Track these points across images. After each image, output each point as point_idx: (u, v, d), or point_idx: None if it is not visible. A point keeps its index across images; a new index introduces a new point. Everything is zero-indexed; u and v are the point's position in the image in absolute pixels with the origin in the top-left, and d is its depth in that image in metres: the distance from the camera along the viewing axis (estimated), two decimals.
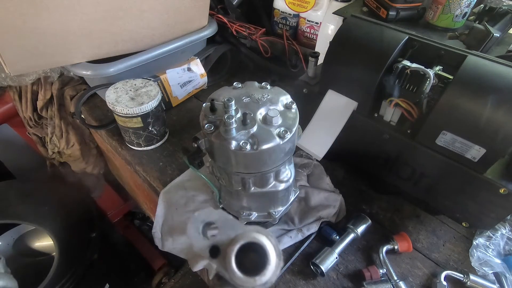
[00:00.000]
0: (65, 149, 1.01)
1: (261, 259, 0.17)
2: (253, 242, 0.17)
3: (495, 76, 0.41)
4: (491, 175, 0.45)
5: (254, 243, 0.17)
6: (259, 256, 0.17)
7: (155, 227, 0.60)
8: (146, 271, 1.26)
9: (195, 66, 0.81)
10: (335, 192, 0.62)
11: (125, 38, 0.73)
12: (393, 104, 0.50)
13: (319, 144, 0.56)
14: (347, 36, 0.52)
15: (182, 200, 0.62)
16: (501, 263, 0.52)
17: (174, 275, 1.23)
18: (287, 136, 0.40)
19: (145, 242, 1.32)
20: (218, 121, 0.42)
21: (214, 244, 0.17)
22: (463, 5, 0.65)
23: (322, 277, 0.52)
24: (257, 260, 0.17)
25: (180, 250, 0.57)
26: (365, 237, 0.57)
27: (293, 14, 0.92)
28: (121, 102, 0.62)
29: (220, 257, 0.17)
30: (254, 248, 0.17)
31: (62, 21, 0.63)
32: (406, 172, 0.54)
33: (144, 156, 0.71)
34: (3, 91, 1.01)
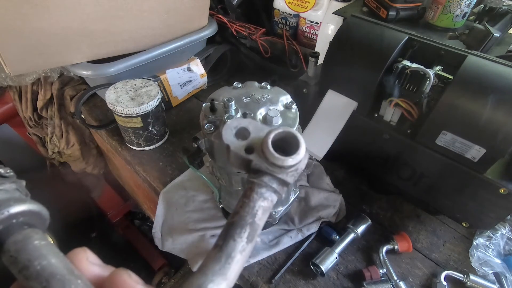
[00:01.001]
0: (65, 149, 1.01)
1: (292, 145, 0.20)
2: (284, 131, 0.19)
3: (495, 76, 0.41)
4: (491, 175, 0.45)
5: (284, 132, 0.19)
6: (289, 144, 0.20)
7: (155, 227, 0.60)
8: (146, 271, 1.26)
9: (195, 66, 0.81)
10: (335, 192, 0.62)
11: (125, 38, 0.73)
12: (393, 104, 0.50)
13: (319, 144, 0.56)
14: (347, 36, 0.52)
15: (182, 200, 0.62)
16: (501, 263, 0.52)
17: (174, 275, 1.23)
18: None
19: (145, 242, 1.32)
20: (218, 121, 0.42)
21: (248, 144, 0.20)
22: (463, 5, 0.65)
23: (322, 277, 0.52)
24: (289, 146, 0.20)
25: (180, 250, 0.57)
26: (365, 237, 0.57)
27: (293, 14, 0.92)
28: (121, 102, 0.62)
29: (254, 153, 0.20)
30: (284, 138, 0.20)
31: (62, 21, 0.63)
32: (406, 172, 0.54)
33: (144, 156, 0.71)
34: (3, 91, 1.01)
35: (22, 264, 0.15)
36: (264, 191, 0.20)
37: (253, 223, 0.18)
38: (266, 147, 0.19)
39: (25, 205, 0.17)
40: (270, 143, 0.19)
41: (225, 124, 0.21)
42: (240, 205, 0.19)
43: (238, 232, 0.18)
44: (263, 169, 0.20)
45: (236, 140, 0.20)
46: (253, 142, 0.20)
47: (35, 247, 0.16)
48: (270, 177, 0.20)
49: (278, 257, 0.55)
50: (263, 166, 0.20)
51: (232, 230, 0.18)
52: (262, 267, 0.53)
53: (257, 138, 0.20)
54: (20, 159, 1.27)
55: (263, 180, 0.20)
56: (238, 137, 0.20)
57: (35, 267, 0.15)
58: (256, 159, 0.20)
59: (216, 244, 0.18)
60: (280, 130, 0.20)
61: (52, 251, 0.16)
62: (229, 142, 0.20)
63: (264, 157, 0.20)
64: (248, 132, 0.21)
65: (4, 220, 0.16)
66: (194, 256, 0.55)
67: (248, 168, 0.20)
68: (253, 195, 0.19)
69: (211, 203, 0.61)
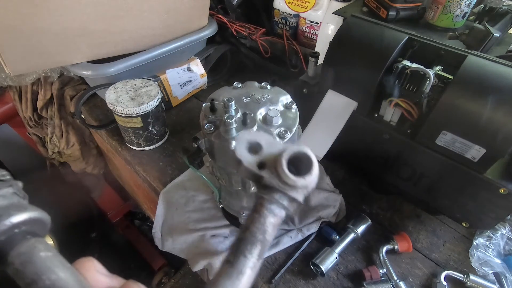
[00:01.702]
0: (65, 149, 1.01)
1: (305, 164, 0.20)
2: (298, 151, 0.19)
3: (495, 76, 0.41)
4: (491, 175, 0.45)
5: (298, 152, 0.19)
6: (302, 162, 0.20)
7: (155, 227, 0.60)
8: (146, 271, 1.26)
9: (195, 66, 0.81)
10: (335, 192, 0.62)
11: (125, 38, 0.73)
12: (393, 104, 0.50)
13: (319, 144, 0.56)
14: (347, 36, 0.52)
15: (182, 200, 0.62)
16: (501, 263, 0.52)
17: (174, 275, 1.23)
18: (287, 136, 0.40)
19: (145, 242, 1.32)
20: (218, 121, 0.42)
21: (261, 159, 0.20)
22: (463, 5, 0.65)
23: (322, 277, 0.52)
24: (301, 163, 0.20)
25: (180, 250, 0.57)
26: (365, 237, 0.57)
27: (293, 14, 0.92)
28: (121, 102, 0.62)
29: (266, 169, 0.20)
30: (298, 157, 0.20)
31: (62, 21, 0.63)
32: (406, 172, 0.54)
33: (144, 156, 0.71)
34: (3, 91, 1.01)
35: (29, 278, 0.14)
36: (274, 207, 0.20)
37: (264, 240, 0.19)
38: (280, 167, 0.19)
39: (26, 213, 0.16)
40: (284, 163, 0.19)
41: (237, 137, 0.20)
42: (251, 220, 0.19)
43: (249, 249, 0.18)
44: (275, 186, 0.20)
45: (248, 154, 0.20)
46: (265, 157, 0.20)
47: (41, 260, 0.15)
48: (281, 194, 0.20)
49: (278, 257, 0.55)
50: (275, 183, 0.20)
51: (243, 246, 0.18)
52: (262, 267, 0.53)
53: (269, 153, 0.20)
54: (20, 159, 1.27)
55: (273, 196, 0.20)
56: (250, 151, 0.20)
57: (43, 282, 0.14)
58: (268, 175, 0.20)
59: (227, 259, 0.18)
60: (295, 149, 0.20)
61: (60, 263, 0.15)
62: (242, 156, 0.20)
63: (277, 175, 0.20)
64: (260, 147, 0.20)
65: (6, 231, 0.15)
66: (194, 256, 0.55)
67: (258, 182, 0.20)
68: (264, 211, 0.19)
69: (211, 203, 0.61)
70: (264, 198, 0.20)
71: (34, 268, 0.15)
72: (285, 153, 0.19)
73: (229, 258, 0.18)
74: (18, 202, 0.17)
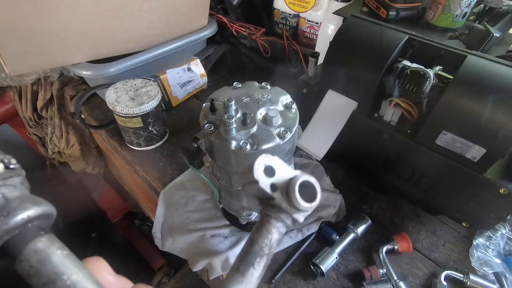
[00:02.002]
0: (65, 149, 1.01)
1: (310, 191, 0.24)
2: (307, 180, 0.23)
3: (495, 76, 0.41)
4: (491, 175, 0.45)
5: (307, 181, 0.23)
6: (308, 190, 0.23)
7: (155, 227, 0.60)
8: (146, 271, 1.26)
9: (195, 66, 0.81)
10: (335, 192, 0.62)
11: (125, 38, 0.73)
12: (393, 104, 0.50)
13: (319, 144, 0.56)
14: (347, 36, 0.52)
15: (182, 200, 0.62)
16: (501, 263, 0.52)
17: (174, 275, 1.23)
18: (287, 136, 0.40)
19: (145, 242, 1.32)
20: (218, 121, 0.42)
21: (274, 182, 0.23)
22: (463, 5, 0.65)
23: (322, 277, 0.52)
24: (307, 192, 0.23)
25: (180, 250, 0.57)
26: (365, 237, 0.57)
27: (293, 14, 0.92)
28: (121, 102, 0.62)
29: (277, 192, 0.23)
30: (306, 185, 0.23)
31: (62, 21, 0.63)
32: (406, 172, 0.54)
33: (144, 156, 0.71)
34: (3, 91, 1.01)
35: (47, 277, 0.14)
36: (280, 225, 0.23)
37: (269, 254, 0.22)
38: (293, 193, 0.22)
39: (41, 207, 0.15)
40: (297, 190, 0.22)
41: (256, 160, 0.22)
42: (259, 235, 0.22)
43: (257, 261, 0.21)
44: (283, 207, 0.23)
45: (264, 176, 0.22)
46: (278, 181, 0.23)
47: (59, 259, 0.15)
48: (287, 215, 0.23)
49: (278, 257, 0.55)
50: (283, 205, 0.23)
51: (253, 259, 0.21)
52: None
53: (281, 177, 0.23)
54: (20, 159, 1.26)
55: (280, 216, 0.23)
56: (266, 173, 0.23)
57: (63, 282, 0.14)
58: (279, 197, 0.23)
59: (237, 268, 0.21)
60: (305, 178, 0.23)
61: (76, 264, 0.15)
62: (259, 178, 0.22)
63: (287, 198, 0.23)
64: (274, 170, 0.23)
65: (21, 225, 0.14)
66: (194, 256, 0.55)
67: (266, 202, 0.23)
68: (271, 229, 0.22)
69: (211, 203, 0.61)
70: (272, 217, 0.23)
71: (53, 267, 0.14)
72: (298, 181, 0.22)
73: (239, 267, 0.20)
74: (30, 196, 0.16)
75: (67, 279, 0.14)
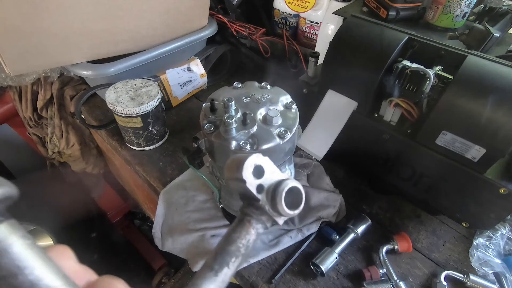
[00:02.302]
0: (65, 149, 1.01)
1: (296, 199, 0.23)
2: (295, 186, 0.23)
3: (495, 76, 0.41)
4: (491, 175, 0.45)
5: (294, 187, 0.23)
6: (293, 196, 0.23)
7: (155, 227, 0.60)
8: (146, 271, 1.26)
9: (195, 66, 0.81)
10: (335, 192, 0.62)
11: (125, 38, 0.73)
12: (393, 104, 0.50)
13: (319, 144, 0.56)
14: (347, 36, 0.52)
15: (182, 200, 0.62)
16: (501, 263, 0.52)
17: (174, 275, 1.23)
18: (287, 136, 0.40)
19: (145, 242, 1.32)
20: (218, 121, 0.42)
21: (260, 183, 0.22)
22: (463, 5, 0.65)
23: (322, 277, 0.52)
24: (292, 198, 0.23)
25: (180, 250, 0.57)
26: (365, 237, 0.57)
27: (293, 14, 0.92)
28: (121, 102, 0.62)
29: (263, 193, 0.22)
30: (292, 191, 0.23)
31: (62, 21, 0.63)
32: (406, 172, 0.54)
33: (144, 156, 0.71)
34: (3, 91, 1.01)
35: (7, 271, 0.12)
36: (260, 227, 0.23)
37: (244, 254, 0.21)
38: (279, 199, 0.22)
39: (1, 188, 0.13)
40: (284, 196, 0.22)
41: (246, 159, 0.22)
42: (238, 235, 0.22)
43: (232, 261, 0.21)
44: (265, 210, 0.23)
45: (252, 177, 0.22)
46: (265, 182, 0.23)
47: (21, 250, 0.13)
48: (268, 217, 0.23)
49: (278, 257, 0.55)
50: (267, 207, 0.23)
51: (228, 258, 0.21)
52: (262, 267, 0.53)
53: (269, 179, 0.23)
54: (20, 159, 1.27)
55: (261, 218, 0.23)
56: (254, 174, 0.22)
57: (26, 276, 0.13)
58: (263, 200, 0.22)
59: (211, 266, 0.20)
60: (294, 184, 0.23)
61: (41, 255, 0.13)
62: (247, 178, 0.22)
63: (271, 202, 0.22)
64: (262, 172, 0.23)
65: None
66: (194, 256, 0.55)
67: (249, 201, 0.23)
68: (251, 230, 0.22)
69: (211, 203, 0.61)
70: (253, 218, 0.23)
71: (13, 259, 0.12)
72: (286, 187, 0.22)
73: (214, 265, 0.20)
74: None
75: (30, 273, 0.13)
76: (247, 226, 0.22)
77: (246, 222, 0.22)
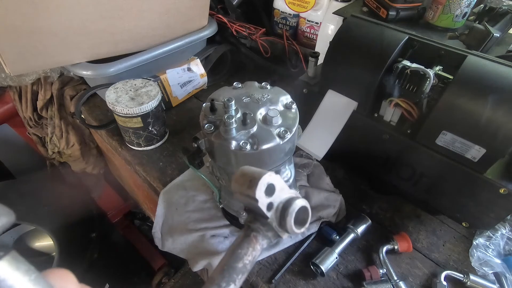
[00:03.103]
0: (65, 149, 1.01)
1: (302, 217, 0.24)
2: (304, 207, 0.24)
3: (495, 76, 0.41)
4: (491, 175, 0.45)
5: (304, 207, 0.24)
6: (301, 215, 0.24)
7: (155, 227, 0.60)
8: (146, 271, 1.26)
9: (195, 66, 0.81)
10: (335, 192, 0.62)
11: (125, 38, 0.73)
12: (393, 104, 0.50)
13: (319, 144, 0.56)
14: (347, 36, 0.52)
15: (182, 200, 0.62)
16: (501, 263, 0.52)
17: (174, 275, 1.23)
18: (287, 136, 0.40)
19: (145, 242, 1.32)
20: (218, 121, 0.42)
21: (271, 201, 0.23)
22: (463, 5, 0.65)
23: (322, 277, 0.52)
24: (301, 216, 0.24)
25: (180, 250, 0.57)
26: (365, 237, 0.57)
27: (293, 14, 0.92)
28: (121, 102, 0.62)
29: (272, 211, 0.23)
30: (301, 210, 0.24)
31: (62, 21, 0.63)
32: (406, 172, 0.54)
33: (144, 156, 0.71)
34: (3, 91, 1.01)
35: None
36: (265, 242, 0.23)
37: (250, 269, 0.22)
38: (289, 218, 0.23)
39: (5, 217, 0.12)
40: (293, 216, 0.23)
41: (260, 179, 0.22)
42: (245, 252, 0.22)
43: (239, 278, 0.21)
44: (273, 227, 0.23)
45: (264, 196, 0.22)
46: (274, 200, 0.23)
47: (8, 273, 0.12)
48: (274, 233, 0.23)
49: (278, 257, 0.55)
50: (274, 224, 0.23)
51: (235, 276, 0.21)
52: (262, 267, 0.53)
53: (279, 198, 0.23)
54: (20, 159, 1.27)
55: (268, 234, 0.23)
56: (266, 193, 0.23)
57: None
58: (272, 218, 0.23)
59: (218, 284, 0.20)
60: (303, 204, 0.24)
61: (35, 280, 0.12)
62: (259, 198, 0.22)
63: (280, 221, 0.23)
64: (273, 190, 0.23)
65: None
66: (194, 256, 0.55)
67: (256, 217, 0.23)
68: (257, 246, 0.23)
69: (211, 203, 0.61)
70: (259, 233, 0.23)
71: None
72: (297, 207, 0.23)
73: (221, 283, 0.20)
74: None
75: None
76: (253, 242, 0.23)
77: (253, 238, 0.23)
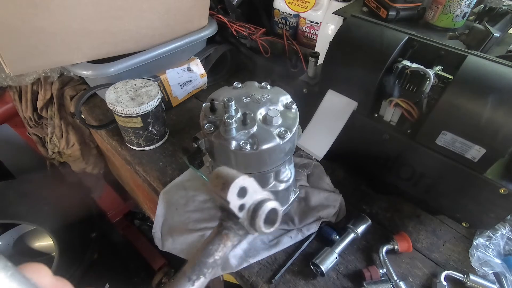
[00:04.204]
0: (65, 149, 1.01)
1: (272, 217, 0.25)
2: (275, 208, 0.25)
3: (495, 76, 0.41)
4: (491, 175, 0.45)
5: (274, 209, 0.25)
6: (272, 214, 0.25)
7: (155, 227, 0.60)
8: (146, 271, 1.26)
9: (195, 66, 0.81)
10: (335, 192, 0.62)
11: (125, 38, 0.73)
12: (393, 104, 0.50)
13: (319, 144, 0.56)
14: (347, 36, 0.52)
15: (182, 200, 0.62)
16: (501, 263, 0.52)
17: (174, 275, 1.23)
18: (287, 136, 0.40)
19: (145, 242, 1.32)
20: (218, 121, 0.42)
21: (243, 203, 0.24)
22: (463, 5, 0.65)
23: (322, 277, 0.52)
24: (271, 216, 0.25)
25: (180, 250, 0.57)
26: (365, 237, 0.57)
27: (293, 14, 0.92)
28: (121, 102, 0.62)
29: (244, 211, 0.24)
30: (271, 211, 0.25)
31: (62, 21, 0.63)
32: (406, 172, 0.54)
33: (144, 156, 0.71)
34: (3, 91, 1.01)
35: None
36: (236, 240, 0.25)
37: (219, 264, 0.23)
38: (259, 219, 0.24)
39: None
40: (264, 218, 0.24)
41: (233, 182, 0.23)
42: (216, 248, 0.23)
43: (209, 272, 0.22)
44: (244, 226, 0.24)
45: (236, 198, 0.23)
46: (246, 201, 0.24)
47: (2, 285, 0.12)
48: (245, 232, 0.25)
49: (278, 257, 0.55)
50: (245, 223, 0.24)
51: (205, 270, 0.22)
52: (262, 267, 0.53)
53: (251, 199, 0.24)
54: (20, 159, 1.27)
55: (239, 233, 0.25)
56: (238, 195, 0.23)
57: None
58: (243, 218, 0.24)
59: (189, 277, 0.22)
60: (273, 206, 0.25)
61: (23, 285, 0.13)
62: (231, 200, 0.23)
63: (251, 221, 0.24)
64: (246, 192, 0.24)
65: None
66: None
67: (229, 216, 0.24)
68: (228, 243, 0.24)
69: (211, 203, 0.61)
70: (231, 231, 0.24)
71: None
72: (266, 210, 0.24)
73: (191, 276, 0.22)
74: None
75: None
76: (224, 239, 0.24)
77: (224, 235, 0.24)
